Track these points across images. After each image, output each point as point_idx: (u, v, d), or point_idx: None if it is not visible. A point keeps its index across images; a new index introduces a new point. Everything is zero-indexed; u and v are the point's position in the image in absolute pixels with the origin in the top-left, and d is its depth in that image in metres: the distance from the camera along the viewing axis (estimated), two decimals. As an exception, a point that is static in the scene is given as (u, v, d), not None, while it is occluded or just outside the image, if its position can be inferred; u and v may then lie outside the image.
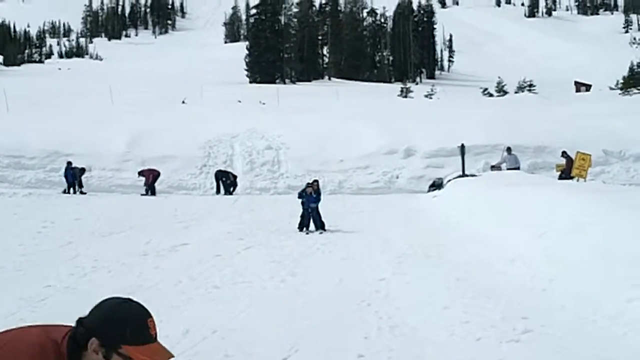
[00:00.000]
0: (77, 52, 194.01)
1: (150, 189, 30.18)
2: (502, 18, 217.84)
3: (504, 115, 40.71)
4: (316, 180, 21.83)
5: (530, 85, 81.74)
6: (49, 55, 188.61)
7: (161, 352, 2.78)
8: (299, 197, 20.35)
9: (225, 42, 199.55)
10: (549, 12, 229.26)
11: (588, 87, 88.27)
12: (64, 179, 30.41)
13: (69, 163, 30.55)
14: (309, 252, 16.62)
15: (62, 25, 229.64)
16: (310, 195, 20.03)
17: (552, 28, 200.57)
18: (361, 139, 35.84)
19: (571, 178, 27.40)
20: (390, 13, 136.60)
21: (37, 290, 12.41)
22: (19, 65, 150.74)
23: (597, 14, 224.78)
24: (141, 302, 2.93)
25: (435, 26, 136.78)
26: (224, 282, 13.16)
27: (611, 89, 75.68)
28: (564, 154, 29.57)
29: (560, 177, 28.22)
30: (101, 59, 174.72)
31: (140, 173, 30.78)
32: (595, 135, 33.99)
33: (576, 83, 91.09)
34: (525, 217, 15.76)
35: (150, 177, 30.34)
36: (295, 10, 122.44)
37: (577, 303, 10.57)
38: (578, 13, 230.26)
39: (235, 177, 31.64)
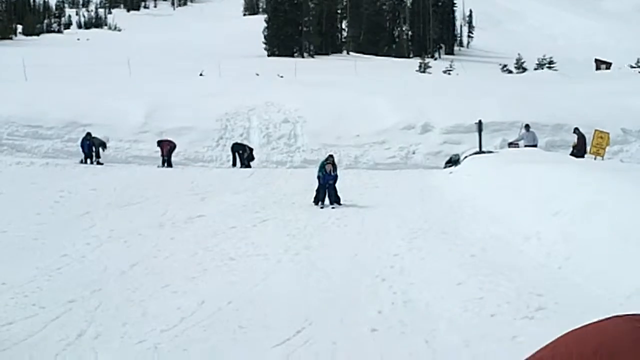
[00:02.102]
0: (96, 22, 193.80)
1: (167, 161, 30.22)
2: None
3: (522, 92, 40.48)
4: (331, 156, 21.66)
5: (550, 63, 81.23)
6: (68, 25, 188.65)
7: None
8: (319, 171, 20.23)
9: (244, 15, 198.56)
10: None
11: (608, 65, 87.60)
12: (80, 149, 30.46)
13: (88, 134, 30.54)
14: (324, 226, 16.63)
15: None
16: (329, 174, 19.94)
17: (574, 5, 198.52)
18: (378, 114, 35.71)
19: (583, 155, 27.19)
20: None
21: (54, 260, 12.52)
22: (37, 35, 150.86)
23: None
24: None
25: (455, 2, 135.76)
26: (239, 254, 13.21)
27: (631, 67, 75.15)
28: (576, 130, 29.26)
29: (572, 154, 27.90)
30: (120, 30, 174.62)
31: (159, 143, 30.76)
32: (614, 114, 33.72)
33: (596, 61, 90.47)
34: (541, 194, 15.68)
35: (166, 148, 30.31)
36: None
37: (592, 281, 10.55)
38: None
39: (251, 150, 31.61)
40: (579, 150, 27.98)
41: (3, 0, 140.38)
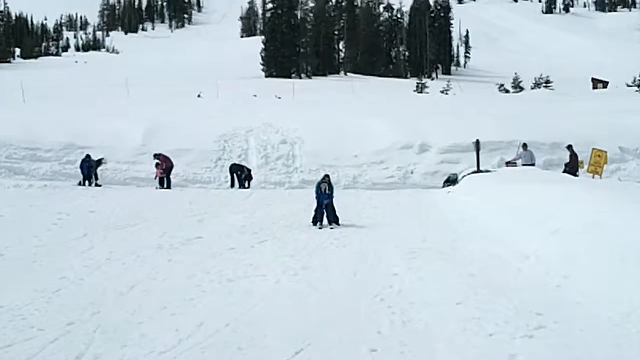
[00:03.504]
0: (94, 45, 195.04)
1: (167, 182, 30.12)
2: (519, 14, 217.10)
3: (519, 111, 40.60)
4: (327, 175, 21.55)
5: (547, 82, 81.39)
6: (66, 48, 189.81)
7: None
8: (316, 191, 20.22)
9: (242, 37, 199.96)
10: (566, 9, 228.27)
11: (605, 84, 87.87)
12: (79, 171, 30.48)
13: (88, 156, 30.55)
14: (323, 246, 16.60)
15: (79, 18, 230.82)
16: (324, 193, 19.95)
17: (570, 24, 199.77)
18: (376, 134, 35.80)
19: (575, 173, 27.19)
20: (406, 8, 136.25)
21: (52, 282, 12.49)
22: (35, 57, 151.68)
23: (615, 10, 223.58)
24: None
25: (451, 22, 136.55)
26: (238, 276, 13.18)
27: (628, 85, 75.32)
28: (569, 147, 29.20)
29: (565, 171, 27.83)
30: (117, 52, 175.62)
31: (156, 156, 30.55)
32: (612, 132, 33.82)
33: (593, 80, 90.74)
34: (540, 213, 15.68)
35: (166, 165, 30.08)
36: (311, 4, 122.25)
37: (592, 300, 10.54)
38: (596, 9, 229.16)
39: (249, 170, 31.64)
40: (571, 168, 27.94)
41: (1, 24, 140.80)
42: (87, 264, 14.15)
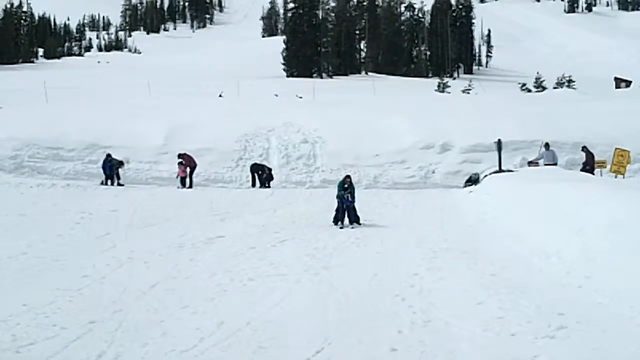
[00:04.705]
0: (116, 45, 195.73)
1: (188, 181, 30.22)
2: (541, 13, 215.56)
3: (542, 111, 40.31)
4: (348, 176, 21.39)
5: (570, 81, 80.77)
6: (89, 48, 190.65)
7: None
8: (338, 192, 20.13)
9: (263, 36, 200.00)
10: (589, 8, 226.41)
11: (628, 83, 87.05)
12: (101, 171, 30.65)
13: (109, 155, 30.75)
14: (344, 246, 16.61)
15: (101, 18, 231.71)
16: (346, 199, 19.86)
17: (592, 23, 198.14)
18: (397, 133, 35.70)
19: (592, 172, 27.15)
20: (428, 8, 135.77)
21: (74, 281, 12.57)
22: (59, 58, 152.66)
23: (638, 9, 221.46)
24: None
25: (473, 21, 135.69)
26: (259, 275, 13.21)
27: (652, 85, 74.61)
28: (584, 148, 29.19)
29: (582, 170, 27.82)
30: (139, 53, 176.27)
31: (180, 156, 30.66)
32: (635, 132, 33.51)
33: (616, 79, 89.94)
34: (562, 213, 15.60)
35: (187, 167, 30.22)
36: (332, 4, 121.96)
37: (614, 300, 10.47)
38: (619, 9, 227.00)
39: (270, 170, 31.67)
40: (589, 167, 27.95)
41: (25, 24, 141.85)
42: (110, 262, 14.23)
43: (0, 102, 45.36)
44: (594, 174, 26.85)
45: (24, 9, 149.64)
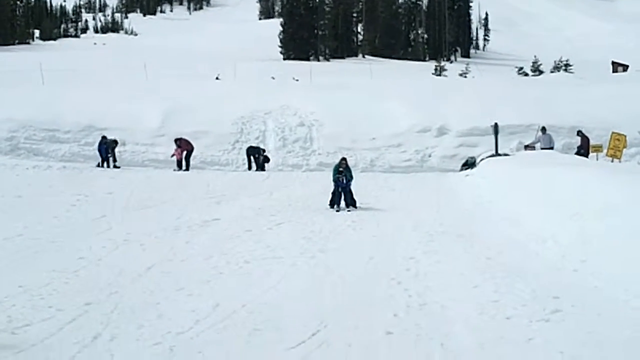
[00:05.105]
0: (113, 27, 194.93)
1: (185, 164, 30.15)
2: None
3: (538, 95, 40.24)
4: (344, 159, 21.34)
5: (567, 65, 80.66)
6: (85, 30, 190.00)
7: None
8: (333, 175, 20.13)
9: (260, 19, 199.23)
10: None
11: (625, 68, 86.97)
12: (97, 153, 30.59)
13: (104, 137, 30.68)
14: (340, 229, 16.62)
15: (97, 0, 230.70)
16: (341, 182, 19.86)
17: (590, 7, 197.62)
18: (394, 117, 35.62)
19: (586, 155, 27.25)
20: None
21: (70, 262, 12.58)
22: (55, 39, 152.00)
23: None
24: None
25: (471, 4, 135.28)
26: (255, 258, 13.22)
27: (649, 69, 74.53)
28: (579, 132, 29.32)
29: (577, 153, 27.93)
30: (136, 34, 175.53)
31: (177, 141, 30.62)
32: (631, 116, 33.46)
33: (613, 63, 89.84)
34: (558, 197, 15.62)
35: (184, 151, 30.18)
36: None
37: (609, 284, 10.51)
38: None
39: (264, 150, 31.61)
40: (584, 151, 28.07)
41: (21, 5, 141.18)
42: (106, 244, 14.24)
43: (-4, 83, 45.20)
44: (588, 158, 26.90)
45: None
